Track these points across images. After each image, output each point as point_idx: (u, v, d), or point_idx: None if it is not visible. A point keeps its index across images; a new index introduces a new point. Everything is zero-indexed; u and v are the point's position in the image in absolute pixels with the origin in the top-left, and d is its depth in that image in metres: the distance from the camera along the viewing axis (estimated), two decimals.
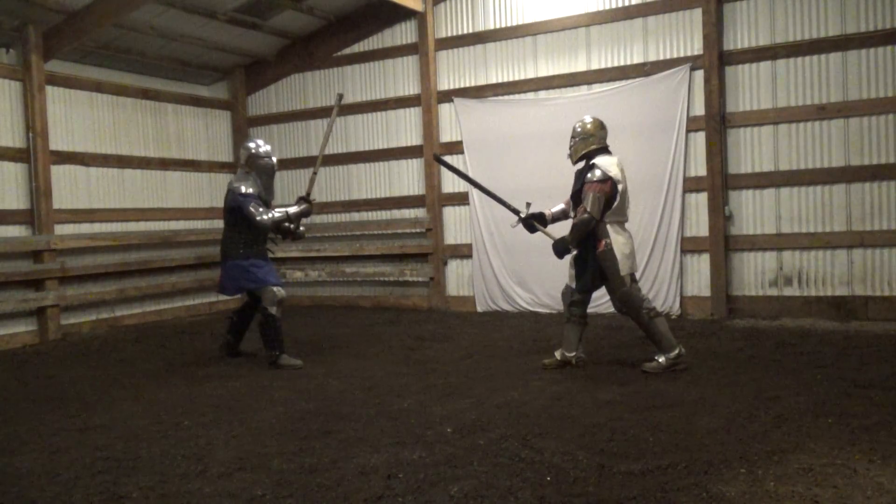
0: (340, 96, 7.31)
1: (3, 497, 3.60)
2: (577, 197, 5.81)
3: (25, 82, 8.20)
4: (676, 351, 5.60)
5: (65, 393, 5.78)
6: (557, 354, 5.92)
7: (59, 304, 8.35)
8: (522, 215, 6.09)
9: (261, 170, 6.59)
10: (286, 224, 6.59)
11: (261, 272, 6.47)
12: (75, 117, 8.89)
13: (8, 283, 7.94)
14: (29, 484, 3.76)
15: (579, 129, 5.89)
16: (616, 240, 5.64)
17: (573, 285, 5.88)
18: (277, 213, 6.51)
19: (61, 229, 8.52)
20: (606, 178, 5.62)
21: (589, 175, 5.66)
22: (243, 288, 6.58)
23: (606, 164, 5.68)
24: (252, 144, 6.67)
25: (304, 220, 6.78)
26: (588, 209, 5.58)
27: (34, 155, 8.22)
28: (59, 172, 8.57)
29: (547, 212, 6.16)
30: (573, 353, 5.88)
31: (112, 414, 5.06)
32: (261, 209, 6.40)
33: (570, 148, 5.93)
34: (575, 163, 5.95)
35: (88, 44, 8.71)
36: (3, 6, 7.74)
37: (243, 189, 6.43)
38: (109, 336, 8.52)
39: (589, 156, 5.80)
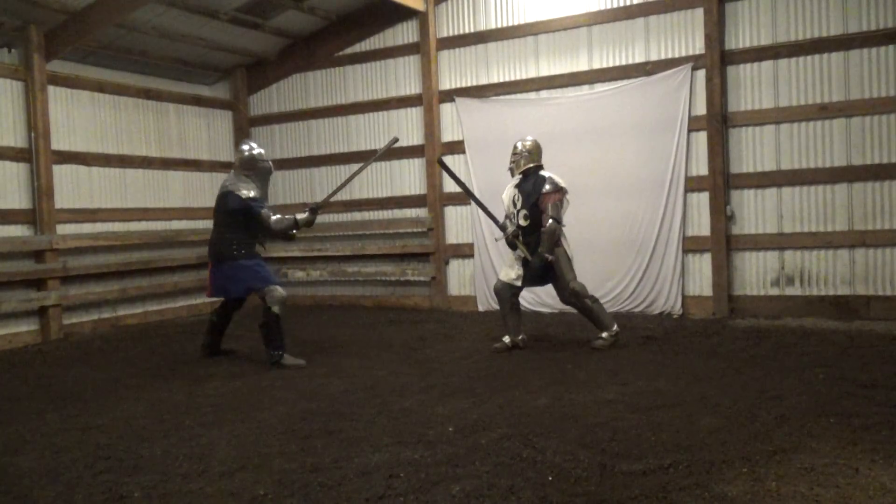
0: (395, 140, 7.53)
1: (6, 496, 3.60)
2: (533, 209, 6.55)
3: (27, 82, 8.21)
4: (615, 327, 6.58)
5: (67, 392, 5.78)
6: (506, 340, 6.67)
7: (61, 304, 8.35)
8: (508, 232, 6.68)
9: (260, 172, 6.63)
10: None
11: (264, 272, 6.53)
12: (77, 117, 8.90)
13: (10, 283, 7.95)
14: (31, 483, 3.77)
15: (521, 148, 6.73)
16: (564, 244, 6.59)
17: (514, 283, 6.67)
18: (287, 218, 6.52)
19: (63, 229, 8.52)
20: (560, 188, 6.52)
21: (545, 188, 6.51)
22: (251, 288, 6.51)
23: (555, 176, 6.57)
24: (247, 147, 6.67)
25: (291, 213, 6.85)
26: (553, 216, 6.43)
27: (36, 155, 8.22)
28: (60, 172, 8.58)
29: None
30: (520, 337, 6.74)
31: (114, 413, 5.07)
32: (271, 213, 6.45)
33: (512, 163, 6.78)
34: (514, 176, 6.76)
35: (90, 44, 8.71)
36: (5, 6, 7.75)
37: (247, 193, 6.42)
38: (111, 336, 8.53)
39: (527, 172, 6.67)
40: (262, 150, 6.71)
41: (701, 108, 8.16)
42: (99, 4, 8.05)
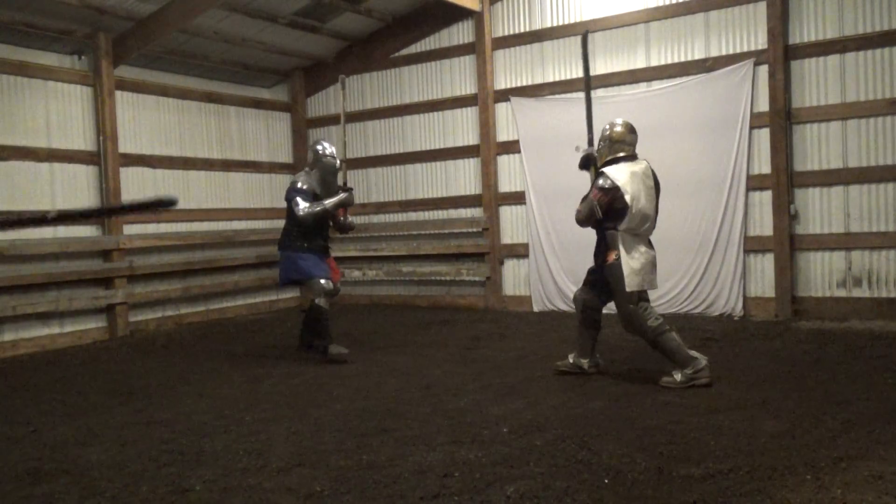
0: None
1: (75, 486, 3.74)
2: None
3: (96, 87, 8.51)
4: (692, 366, 5.13)
5: (132, 387, 5.97)
6: (570, 358, 5.73)
7: (127, 302, 8.63)
8: (591, 149, 5.62)
9: (323, 167, 6.82)
10: (340, 217, 6.89)
11: (307, 264, 6.68)
12: (143, 121, 9.18)
13: (80, 282, 8.25)
14: (99, 475, 3.90)
15: (607, 133, 5.51)
16: (625, 254, 5.27)
17: (585, 292, 5.68)
18: (317, 205, 6.68)
19: (130, 229, 8.81)
20: (609, 188, 5.26)
21: (597, 180, 5.36)
22: (291, 279, 6.84)
23: (616, 172, 5.30)
24: (319, 146, 6.93)
25: (350, 213, 7.13)
26: (578, 208, 5.44)
27: (104, 158, 8.52)
28: (127, 174, 8.86)
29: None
30: (586, 360, 5.67)
31: (177, 409, 5.21)
32: (304, 202, 6.58)
33: (597, 151, 5.58)
34: (601, 166, 5.48)
35: (155, 49, 8.98)
36: (75, 15, 8.04)
37: (298, 185, 6.71)
38: (175, 333, 8.77)
39: (612, 162, 5.40)
40: (333, 150, 6.93)
41: (763, 105, 7.95)
42: (164, 11, 8.29)
